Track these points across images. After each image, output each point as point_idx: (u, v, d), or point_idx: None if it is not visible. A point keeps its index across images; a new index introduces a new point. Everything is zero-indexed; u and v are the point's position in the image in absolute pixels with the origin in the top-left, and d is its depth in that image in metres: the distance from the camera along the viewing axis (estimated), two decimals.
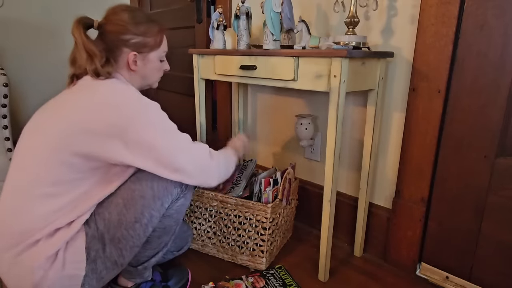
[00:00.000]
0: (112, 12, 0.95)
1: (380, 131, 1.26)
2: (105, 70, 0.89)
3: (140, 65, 0.98)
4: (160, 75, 1.08)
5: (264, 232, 1.20)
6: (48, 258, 0.82)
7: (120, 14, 0.94)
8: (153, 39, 0.97)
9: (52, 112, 0.87)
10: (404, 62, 1.16)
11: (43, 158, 0.82)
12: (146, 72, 1.01)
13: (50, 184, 0.82)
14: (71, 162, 0.82)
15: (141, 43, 0.95)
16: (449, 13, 1.02)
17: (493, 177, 1.04)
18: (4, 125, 1.67)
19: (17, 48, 2.17)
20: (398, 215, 1.24)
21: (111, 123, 0.82)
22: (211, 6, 1.90)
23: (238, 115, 1.72)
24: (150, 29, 0.96)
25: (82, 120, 0.82)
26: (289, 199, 1.32)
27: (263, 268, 1.22)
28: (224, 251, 1.29)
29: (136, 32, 0.94)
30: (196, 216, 1.32)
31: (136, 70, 0.98)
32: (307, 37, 1.16)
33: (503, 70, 0.97)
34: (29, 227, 0.82)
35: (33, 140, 0.85)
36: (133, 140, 0.84)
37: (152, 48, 0.98)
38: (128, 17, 0.94)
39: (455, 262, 1.16)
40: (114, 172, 0.89)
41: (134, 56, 0.95)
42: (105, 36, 0.94)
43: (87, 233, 0.87)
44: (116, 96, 0.86)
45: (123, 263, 0.93)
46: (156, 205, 0.91)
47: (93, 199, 0.88)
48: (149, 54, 0.98)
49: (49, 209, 0.83)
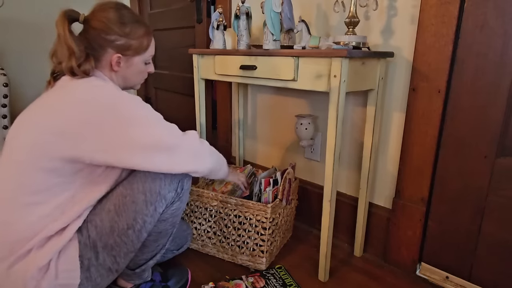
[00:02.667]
0: (99, 8, 0.91)
1: (380, 131, 1.26)
2: (81, 69, 0.85)
3: (123, 66, 0.94)
4: (143, 77, 1.03)
5: (264, 232, 1.20)
6: (40, 268, 0.81)
7: (107, 11, 0.90)
8: (138, 42, 0.93)
9: (28, 118, 0.84)
10: (404, 62, 1.16)
11: (23, 166, 0.80)
12: (128, 74, 0.97)
13: (34, 191, 0.81)
14: (52, 167, 0.80)
15: (125, 45, 0.91)
16: (449, 13, 1.02)
17: (493, 177, 1.04)
18: (4, 125, 1.67)
19: (17, 48, 2.17)
20: (398, 215, 1.24)
21: (84, 121, 0.79)
22: (211, 6, 1.90)
23: (238, 115, 1.72)
24: (135, 30, 0.92)
25: (55, 123, 0.79)
26: (289, 199, 1.32)
27: (263, 268, 1.22)
28: (224, 251, 1.29)
29: (120, 33, 0.90)
30: (196, 216, 1.32)
31: (118, 71, 0.94)
32: (307, 37, 1.16)
33: (503, 70, 0.97)
34: (19, 237, 0.81)
35: (12, 150, 0.83)
36: (113, 136, 0.80)
37: (137, 51, 0.94)
38: (114, 15, 0.90)
39: (455, 262, 1.16)
40: (98, 173, 0.86)
41: (118, 58, 0.91)
42: (88, 32, 0.90)
43: (79, 241, 0.85)
44: (89, 92, 0.82)
45: (118, 269, 0.92)
46: (149, 211, 0.89)
47: (81, 203, 0.86)
48: (134, 57, 0.94)
49: (36, 216, 0.81)
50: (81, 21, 0.91)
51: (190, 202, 1.32)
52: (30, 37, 2.20)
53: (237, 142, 1.76)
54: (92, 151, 0.80)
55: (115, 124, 0.80)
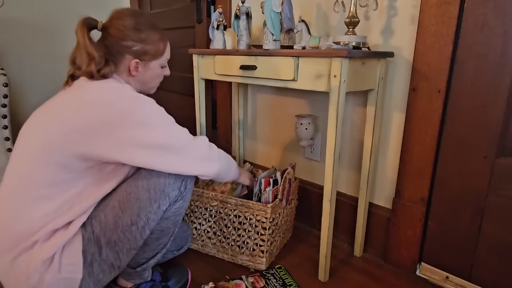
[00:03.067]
0: (116, 16, 0.95)
1: (380, 131, 1.26)
2: (100, 74, 0.89)
3: (141, 71, 0.98)
4: (159, 81, 1.07)
5: (264, 232, 1.20)
6: (44, 261, 0.82)
7: (123, 20, 0.94)
8: (154, 47, 0.97)
9: (44, 114, 0.86)
10: (404, 62, 1.16)
11: (36, 160, 0.82)
12: (146, 78, 1.01)
13: (45, 185, 0.82)
14: (65, 162, 0.82)
15: (141, 50, 0.95)
16: (449, 13, 1.02)
17: (493, 177, 1.04)
18: (4, 125, 1.67)
19: (17, 48, 2.16)
20: (398, 215, 1.24)
21: (100, 120, 0.81)
22: (211, 6, 1.90)
23: (238, 115, 1.72)
24: (151, 36, 0.96)
25: (72, 119, 0.82)
26: (289, 199, 1.32)
27: (263, 268, 1.22)
28: (224, 251, 1.29)
29: (135, 39, 0.94)
30: (196, 216, 1.32)
31: (136, 75, 0.98)
32: (307, 37, 1.16)
33: (503, 70, 0.97)
34: (26, 229, 0.82)
35: (26, 143, 0.85)
36: (127, 136, 0.83)
37: (154, 56, 0.99)
38: (130, 23, 0.94)
39: (455, 262, 1.16)
40: (108, 170, 0.89)
41: (136, 63, 0.96)
42: (107, 39, 0.94)
43: (83, 236, 0.86)
44: (107, 94, 0.85)
45: (120, 266, 0.93)
46: (152, 208, 0.91)
47: (89, 199, 0.87)
48: (151, 62, 0.99)
49: (46, 210, 0.82)
50: (99, 28, 0.95)
51: (190, 202, 1.32)
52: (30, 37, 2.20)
53: (237, 142, 1.76)
54: (105, 149, 0.82)
55: (129, 125, 0.83)
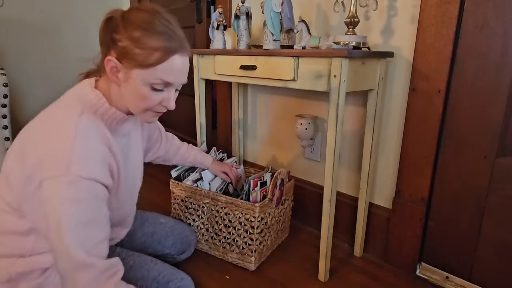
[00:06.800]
0: (136, 8, 0.80)
1: (380, 131, 1.26)
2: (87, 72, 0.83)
3: (121, 78, 0.78)
4: (147, 107, 0.81)
5: (252, 231, 1.19)
6: None
7: (140, 12, 0.78)
8: (144, 52, 0.74)
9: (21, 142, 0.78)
10: (404, 62, 1.16)
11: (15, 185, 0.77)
12: (125, 91, 0.79)
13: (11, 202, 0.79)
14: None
15: (126, 49, 0.75)
16: (449, 13, 1.02)
17: (493, 177, 1.04)
18: (4, 125, 1.67)
19: (17, 48, 2.16)
20: (398, 215, 1.24)
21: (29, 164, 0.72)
22: (211, 6, 1.90)
23: (238, 115, 1.72)
24: (148, 39, 0.75)
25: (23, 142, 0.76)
26: (281, 199, 1.31)
27: (252, 268, 1.22)
28: (216, 248, 1.30)
29: (126, 35, 0.75)
30: (190, 212, 1.33)
31: (116, 82, 0.79)
32: (307, 37, 1.16)
33: (503, 70, 0.97)
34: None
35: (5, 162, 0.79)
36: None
37: (139, 63, 0.75)
38: (142, 18, 0.76)
39: (455, 262, 1.16)
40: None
41: (111, 62, 0.76)
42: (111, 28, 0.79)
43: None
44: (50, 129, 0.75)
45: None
46: None
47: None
48: (132, 69, 0.76)
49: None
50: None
51: (184, 199, 1.32)
52: (30, 37, 2.20)
53: (237, 142, 1.76)
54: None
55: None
